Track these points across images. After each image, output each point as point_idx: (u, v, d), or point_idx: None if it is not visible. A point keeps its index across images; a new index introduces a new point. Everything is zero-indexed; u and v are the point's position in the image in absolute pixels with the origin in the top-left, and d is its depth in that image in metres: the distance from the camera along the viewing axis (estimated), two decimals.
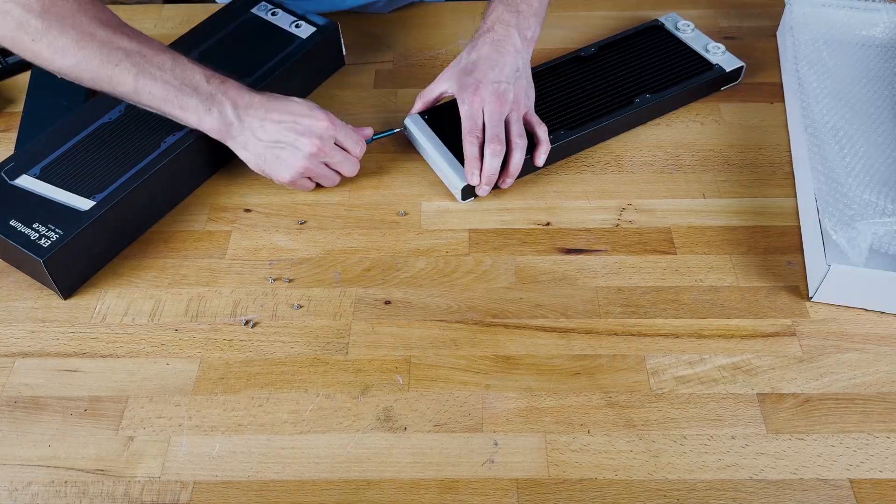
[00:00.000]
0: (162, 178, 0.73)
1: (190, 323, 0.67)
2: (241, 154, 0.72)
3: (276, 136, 0.70)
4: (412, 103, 0.81)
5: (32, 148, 0.73)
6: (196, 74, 0.70)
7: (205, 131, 0.71)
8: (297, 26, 0.86)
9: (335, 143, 0.73)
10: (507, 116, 0.73)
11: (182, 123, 0.71)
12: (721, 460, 0.58)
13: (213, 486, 0.57)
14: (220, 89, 0.70)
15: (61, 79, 0.69)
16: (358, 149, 0.75)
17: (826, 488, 0.56)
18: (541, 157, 0.74)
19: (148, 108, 0.70)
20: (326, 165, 0.74)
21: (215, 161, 0.79)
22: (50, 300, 0.69)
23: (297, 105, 0.71)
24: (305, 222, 0.74)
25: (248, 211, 0.76)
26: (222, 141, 0.72)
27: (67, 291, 0.69)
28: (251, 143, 0.71)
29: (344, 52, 0.90)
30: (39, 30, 0.65)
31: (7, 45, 0.66)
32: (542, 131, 0.75)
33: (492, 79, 0.72)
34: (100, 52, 0.66)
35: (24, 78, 0.88)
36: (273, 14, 0.87)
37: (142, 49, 0.68)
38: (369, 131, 0.77)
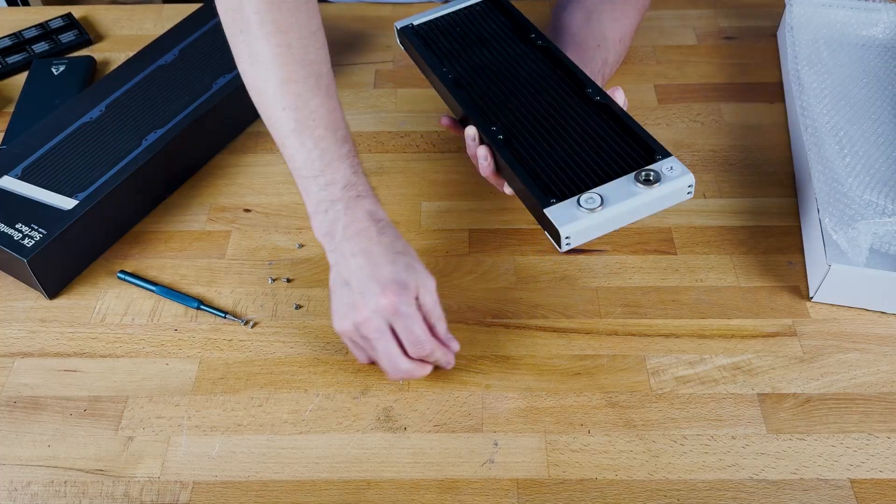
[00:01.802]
0: (144, 175, 0.73)
1: (190, 323, 0.67)
2: (330, 271, 0.61)
3: (348, 279, 0.59)
4: (412, 103, 0.81)
5: (14, 149, 0.73)
6: (341, 170, 0.61)
7: (311, 226, 0.62)
8: None
9: (391, 330, 0.58)
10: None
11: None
12: (721, 460, 0.58)
13: (213, 487, 0.57)
14: (349, 202, 0.60)
15: (55, 77, 0.68)
16: (413, 347, 0.58)
17: (827, 488, 0.56)
18: None
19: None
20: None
21: (198, 159, 0.79)
22: (49, 300, 0.69)
23: (389, 265, 0.58)
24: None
25: (248, 211, 0.76)
26: (322, 245, 0.62)
27: (53, 291, 0.69)
28: (335, 268, 0.60)
29: None
30: (250, 24, 0.59)
31: (224, 26, 0.62)
32: None
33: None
34: (282, 81, 0.60)
35: (24, 78, 0.88)
36: None
37: (318, 106, 0.61)
38: (455, 346, 0.62)
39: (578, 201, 0.55)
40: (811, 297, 0.67)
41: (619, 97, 0.65)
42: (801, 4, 0.84)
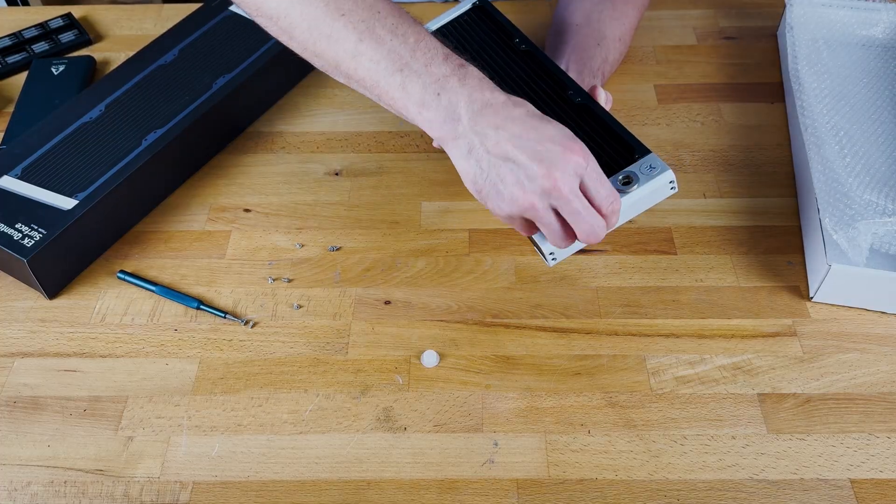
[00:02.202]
0: (144, 175, 0.73)
1: (189, 323, 0.67)
2: (459, 164, 0.55)
3: (509, 152, 0.52)
4: None
5: (14, 149, 0.73)
6: (432, 47, 0.55)
7: (421, 125, 0.55)
8: None
9: (580, 188, 0.53)
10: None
11: (395, 111, 0.56)
12: (721, 460, 0.58)
13: (213, 487, 0.57)
14: (457, 73, 0.54)
15: (55, 77, 0.68)
16: (607, 203, 0.54)
17: (827, 488, 0.56)
18: None
19: (356, 84, 0.57)
20: (557, 213, 0.54)
21: (198, 158, 0.79)
22: (49, 300, 0.69)
23: (548, 125, 0.53)
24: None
25: (247, 211, 0.76)
26: (439, 141, 0.56)
27: (53, 291, 0.68)
28: (476, 151, 0.53)
29: None
30: None
31: None
32: None
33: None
34: None
35: (24, 78, 0.88)
36: None
37: (376, 2, 0.55)
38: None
39: None
40: (811, 297, 0.67)
41: (601, 96, 0.64)
42: (801, 4, 0.84)
